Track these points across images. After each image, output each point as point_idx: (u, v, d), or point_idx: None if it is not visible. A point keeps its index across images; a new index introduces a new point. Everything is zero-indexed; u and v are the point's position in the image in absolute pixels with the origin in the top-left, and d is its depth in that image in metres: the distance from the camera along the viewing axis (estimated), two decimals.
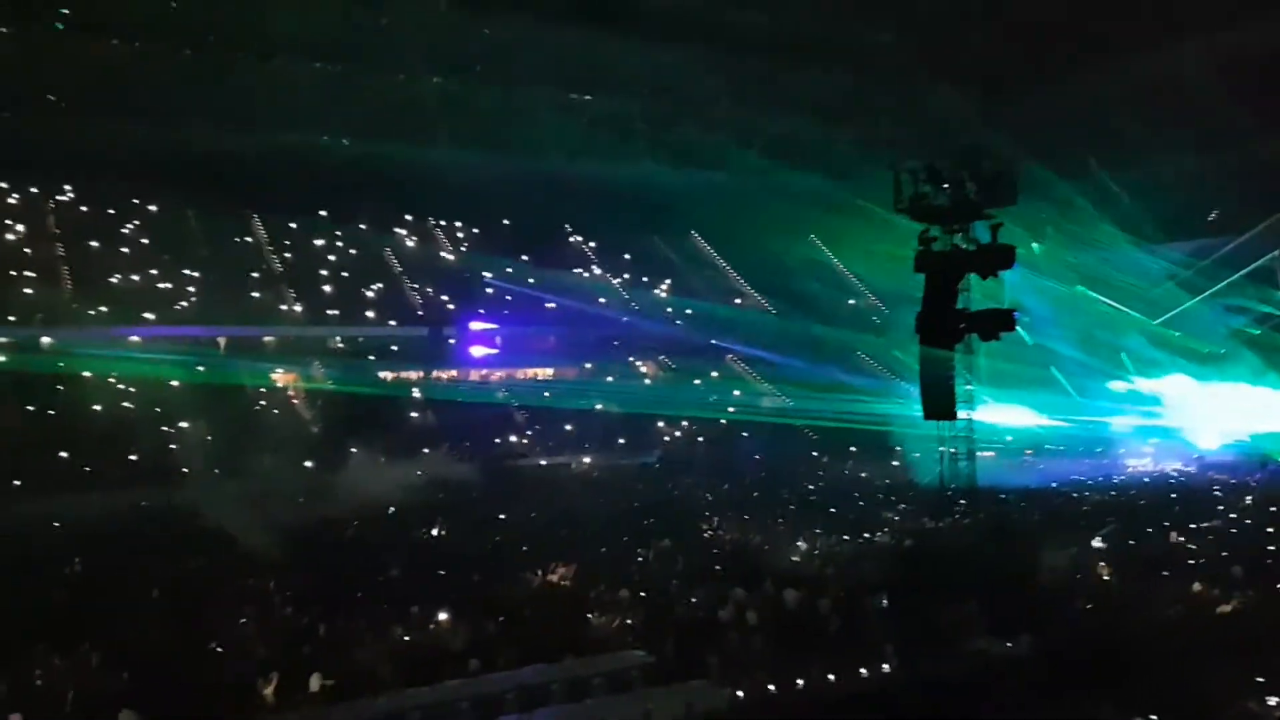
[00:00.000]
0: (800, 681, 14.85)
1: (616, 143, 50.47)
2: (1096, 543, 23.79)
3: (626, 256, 59.45)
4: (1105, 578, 21.17)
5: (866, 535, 26.25)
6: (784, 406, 48.21)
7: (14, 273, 43.91)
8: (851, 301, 57.19)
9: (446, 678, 15.58)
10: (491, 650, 16.52)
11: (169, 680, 15.23)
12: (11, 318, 41.73)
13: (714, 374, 51.82)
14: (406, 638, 17.64)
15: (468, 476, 36.65)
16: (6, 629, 17.36)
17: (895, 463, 41.67)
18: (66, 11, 39.73)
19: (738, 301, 59.75)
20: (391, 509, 30.88)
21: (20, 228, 46.58)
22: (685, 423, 46.98)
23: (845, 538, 25.75)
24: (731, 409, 47.76)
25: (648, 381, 52.07)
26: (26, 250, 45.55)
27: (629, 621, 18.17)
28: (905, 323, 36.64)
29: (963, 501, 32.19)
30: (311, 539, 26.46)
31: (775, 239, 55.67)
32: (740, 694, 14.40)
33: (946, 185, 34.60)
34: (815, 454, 43.90)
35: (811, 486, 36.93)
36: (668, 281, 59.74)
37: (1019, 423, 45.47)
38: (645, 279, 59.48)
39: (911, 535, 26.43)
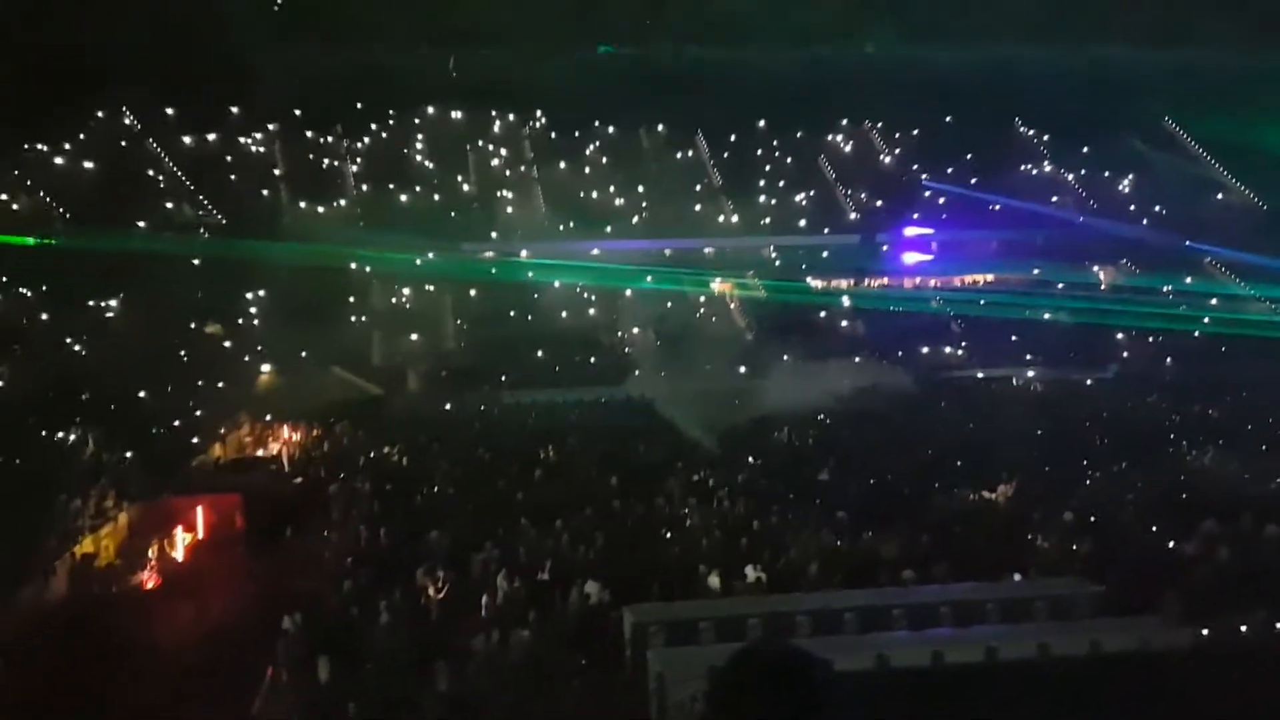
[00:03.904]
0: None
1: (1075, 22, 45.52)
2: None
3: (1085, 150, 53.99)
4: None
5: None
6: (1277, 318, 41.64)
7: (498, 194, 50.18)
8: None
9: (877, 584, 15.57)
10: (923, 563, 16.22)
11: (626, 559, 16.83)
12: (494, 234, 47.85)
13: (1188, 279, 45.86)
14: (838, 541, 17.87)
15: (899, 387, 35.97)
16: (496, 505, 20.23)
17: None
18: None
19: (1219, 197, 52.12)
20: (821, 415, 31.28)
21: (503, 152, 53.02)
22: (1150, 336, 42.10)
23: None
24: (1207, 320, 42.12)
25: (1105, 288, 47.25)
26: (507, 173, 51.81)
27: (1075, 547, 16.88)
28: None
29: None
30: (746, 439, 27.67)
31: (1269, 124, 47.65)
32: (1205, 633, 12.79)
33: None
34: None
35: None
36: (1131, 176, 53.51)
37: None
38: (1106, 174, 53.81)
39: None
